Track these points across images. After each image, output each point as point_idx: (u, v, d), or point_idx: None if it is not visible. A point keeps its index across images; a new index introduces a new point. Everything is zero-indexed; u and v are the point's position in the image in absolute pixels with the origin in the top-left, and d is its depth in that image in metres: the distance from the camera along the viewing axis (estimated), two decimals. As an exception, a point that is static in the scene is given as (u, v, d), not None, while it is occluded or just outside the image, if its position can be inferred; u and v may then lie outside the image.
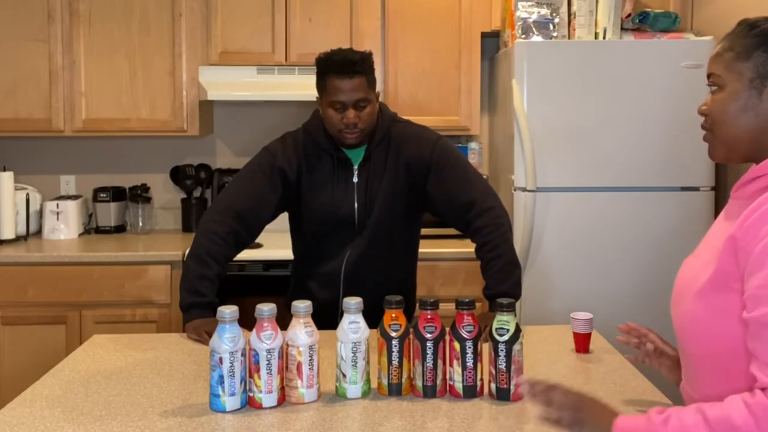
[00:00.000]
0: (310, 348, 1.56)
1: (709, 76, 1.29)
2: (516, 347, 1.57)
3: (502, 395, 1.57)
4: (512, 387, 1.57)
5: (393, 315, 1.61)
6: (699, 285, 1.22)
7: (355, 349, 1.60)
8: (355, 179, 2.16)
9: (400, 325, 1.61)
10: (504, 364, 1.56)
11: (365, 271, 2.16)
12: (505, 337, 1.56)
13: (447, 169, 2.15)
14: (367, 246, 2.16)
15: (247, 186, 2.18)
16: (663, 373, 1.54)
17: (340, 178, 2.15)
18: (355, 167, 2.16)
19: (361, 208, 2.15)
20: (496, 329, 1.57)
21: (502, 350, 1.56)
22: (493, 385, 1.59)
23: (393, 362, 1.60)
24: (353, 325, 1.60)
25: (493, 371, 1.58)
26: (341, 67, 2.03)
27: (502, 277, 2.08)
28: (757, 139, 1.23)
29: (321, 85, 2.09)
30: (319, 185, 2.16)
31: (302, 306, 1.58)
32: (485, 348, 1.64)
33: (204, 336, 1.97)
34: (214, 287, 2.09)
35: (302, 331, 1.56)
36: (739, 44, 1.24)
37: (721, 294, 1.19)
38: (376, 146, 2.16)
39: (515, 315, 1.60)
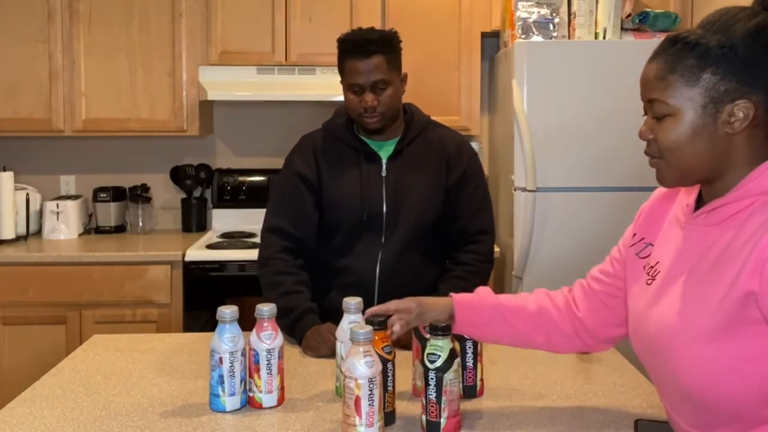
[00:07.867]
0: (370, 381, 1.35)
1: (650, 101, 1.18)
2: (448, 376, 1.39)
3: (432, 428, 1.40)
4: (443, 421, 1.40)
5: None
6: (702, 332, 1.13)
7: (355, 349, 1.58)
8: (384, 173, 2.07)
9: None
10: (434, 394, 1.39)
11: (401, 276, 2.04)
12: (437, 364, 1.39)
13: (473, 186, 2.10)
14: (402, 246, 2.05)
15: (279, 205, 2.12)
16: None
17: (366, 171, 2.07)
18: (384, 161, 2.08)
19: (390, 203, 2.05)
20: (428, 354, 1.41)
21: (432, 378, 1.39)
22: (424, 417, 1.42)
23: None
24: (353, 325, 1.60)
25: (424, 401, 1.41)
26: (356, 47, 1.98)
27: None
28: (711, 166, 1.16)
29: (340, 68, 2.04)
30: (343, 180, 2.07)
31: (362, 333, 1.37)
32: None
33: (325, 341, 1.85)
34: (301, 295, 1.99)
35: (361, 361, 1.35)
36: (683, 66, 1.14)
37: (738, 338, 1.10)
38: (410, 142, 2.09)
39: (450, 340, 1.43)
